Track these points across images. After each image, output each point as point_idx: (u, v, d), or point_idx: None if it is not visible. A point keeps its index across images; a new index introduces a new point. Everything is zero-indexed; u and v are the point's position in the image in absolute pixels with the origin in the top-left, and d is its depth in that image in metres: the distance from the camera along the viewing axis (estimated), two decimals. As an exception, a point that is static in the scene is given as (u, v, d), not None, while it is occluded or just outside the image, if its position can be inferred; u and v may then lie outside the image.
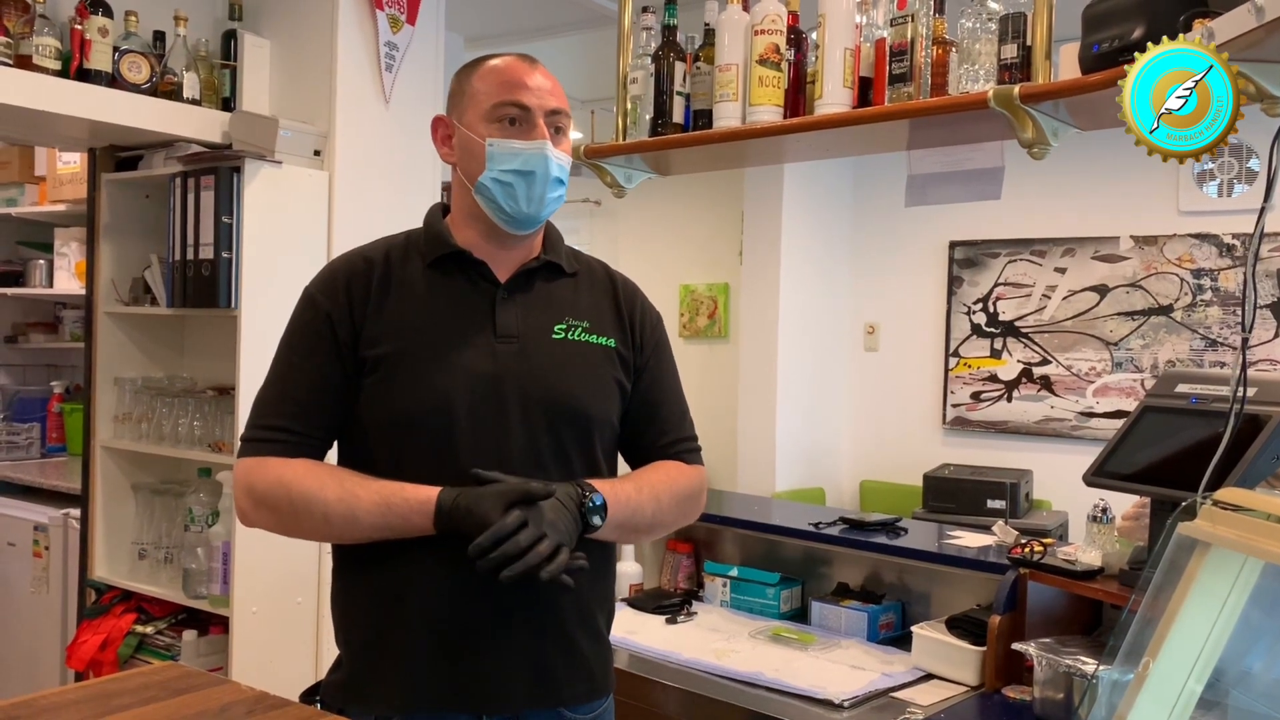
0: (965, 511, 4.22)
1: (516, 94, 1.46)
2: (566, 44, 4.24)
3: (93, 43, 2.61)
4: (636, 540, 2.24)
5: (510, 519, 1.30)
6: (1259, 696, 1.18)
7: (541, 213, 1.49)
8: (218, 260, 2.65)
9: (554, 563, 1.30)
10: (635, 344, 1.56)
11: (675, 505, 1.54)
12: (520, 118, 1.46)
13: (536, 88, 1.47)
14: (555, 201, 1.50)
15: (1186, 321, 4.54)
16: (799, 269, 5.06)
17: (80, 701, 1.08)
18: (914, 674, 1.97)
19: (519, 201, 1.46)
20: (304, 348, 1.47)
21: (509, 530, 1.29)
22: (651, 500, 1.49)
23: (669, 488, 1.53)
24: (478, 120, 1.47)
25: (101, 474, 2.97)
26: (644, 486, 1.50)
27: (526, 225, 1.49)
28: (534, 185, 1.46)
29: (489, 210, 1.48)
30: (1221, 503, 1.13)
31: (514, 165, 1.45)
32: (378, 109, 2.98)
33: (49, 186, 3.84)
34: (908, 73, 1.88)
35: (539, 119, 1.46)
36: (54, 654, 3.40)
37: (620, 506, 1.43)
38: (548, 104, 1.47)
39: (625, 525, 1.47)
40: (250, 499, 1.43)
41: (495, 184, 1.45)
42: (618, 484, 1.47)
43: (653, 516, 1.51)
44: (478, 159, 1.46)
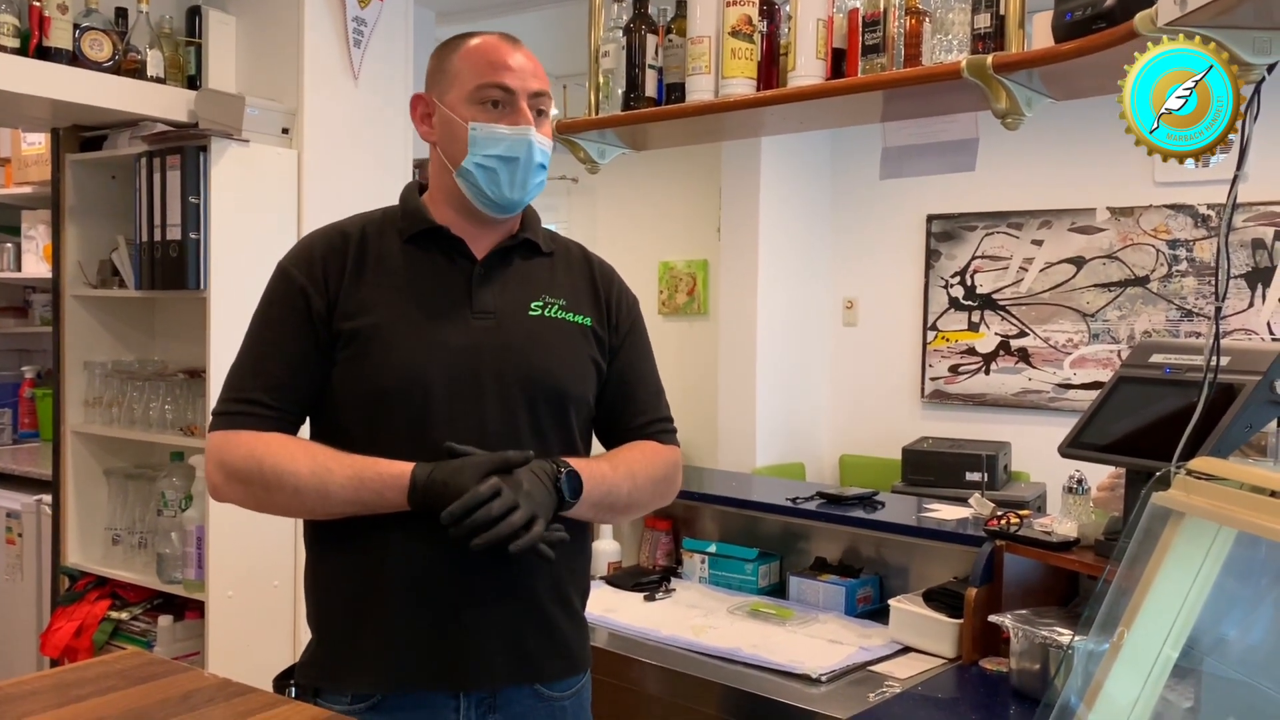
0: (944, 484, 4.23)
1: (500, 75, 1.43)
2: (538, 18, 4.19)
3: (52, 20, 2.55)
4: (613, 520, 2.23)
5: (484, 486, 1.29)
6: (1233, 663, 1.19)
7: (524, 198, 1.47)
8: (185, 241, 2.61)
9: (528, 534, 1.29)
10: (611, 324, 1.55)
11: (651, 485, 1.53)
12: (503, 100, 1.44)
13: (519, 69, 1.44)
14: (537, 187, 1.48)
15: (1162, 292, 4.56)
16: (777, 245, 5.05)
17: (40, 691, 1.06)
18: (892, 647, 1.97)
19: (502, 187, 1.44)
20: (278, 321, 1.45)
21: (482, 498, 1.28)
22: (627, 479, 1.49)
23: (645, 467, 1.52)
24: (459, 101, 1.45)
25: (72, 459, 2.93)
26: (620, 465, 1.49)
27: (508, 210, 1.48)
28: (517, 171, 1.44)
29: (471, 194, 1.46)
30: (1195, 472, 1.13)
31: (497, 151, 1.43)
32: (346, 86, 2.93)
33: (14, 168, 3.76)
34: (881, 43, 1.86)
35: (522, 101, 1.44)
36: (29, 641, 3.36)
37: (595, 484, 1.42)
38: (530, 86, 1.45)
39: (600, 504, 1.46)
40: (222, 472, 1.41)
41: (478, 169, 1.44)
42: (593, 462, 1.47)
43: (628, 496, 1.50)
44: (460, 141, 1.44)
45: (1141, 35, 1.39)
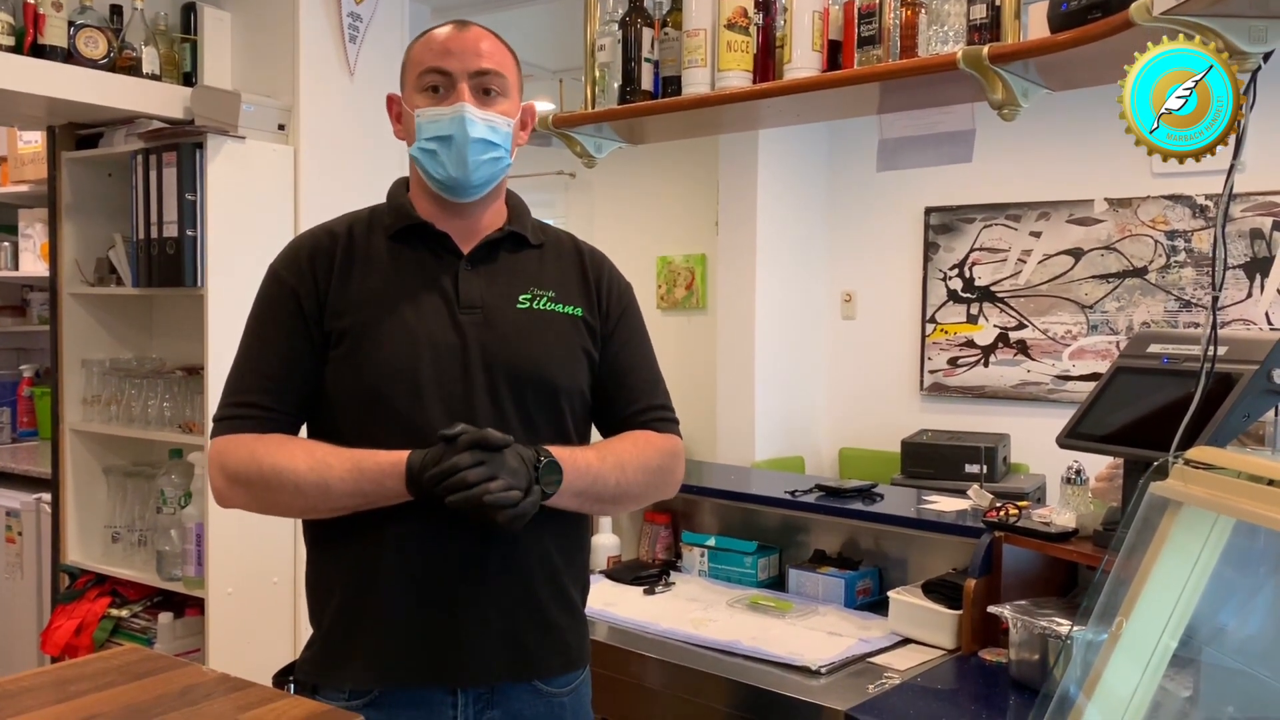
0: (943, 476, 4.23)
1: (438, 60, 1.44)
2: (534, 13, 4.18)
3: (46, 17, 2.55)
4: (604, 511, 2.21)
5: (468, 454, 1.30)
6: (1231, 652, 1.19)
7: (471, 176, 1.44)
8: (182, 239, 2.60)
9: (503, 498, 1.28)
10: (602, 311, 1.54)
11: (644, 476, 1.50)
12: (442, 84, 1.44)
13: (460, 50, 1.44)
14: (487, 164, 1.45)
15: (1161, 283, 4.56)
16: (775, 238, 5.04)
17: (39, 688, 1.06)
18: (891, 639, 1.97)
19: (446, 166, 1.44)
20: (271, 324, 1.45)
21: (465, 464, 1.29)
22: (615, 469, 1.46)
23: (636, 457, 1.49)
24: (411, 92, 1.47)
25: (71, 458, 2.93)
26: (607, 455, 1.47)
27: (461, 191, 1.46)
28: (453, 149, 1.43)
29: (426, 180, 1.47)
30: (1193, 462, 1.13)
31: (434, 132, 1.43)
32: (342, 82, 2.93)
33: (10, 167, 3.76)
34: (876, 35, 1.86)
35: (460, 82, 1.44)
36: (30, 639, 3.37)
37: (579, 474, 1.40)
38: (471, 65, 1.44)
39: (586, 494, 1.43)
40: (224, 477, 1.42)
41: (422, 153, 1.45)
42: (578, 451, 1.44)
43: (616, 486, 1.46)
44: (412, 130, 1.46)
45: (1137, 25, 1.39)
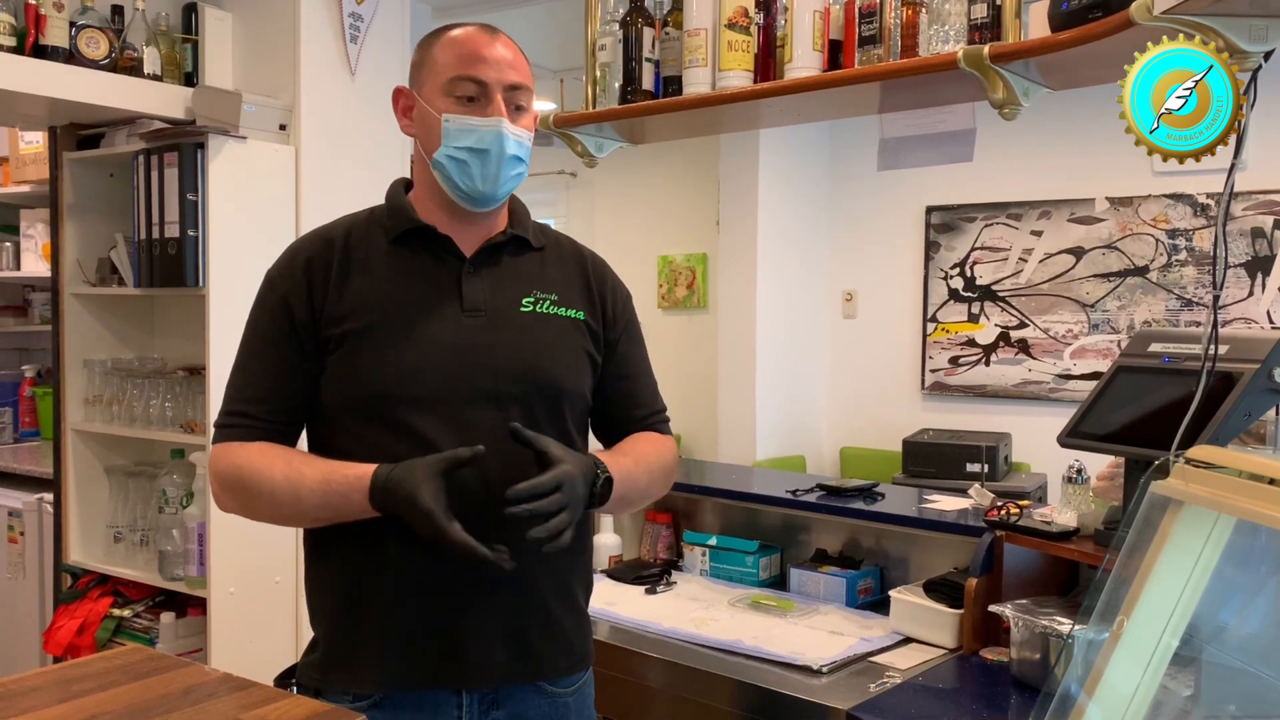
0: (945, 476, 4.23)
1: (474, 69, 1.42)
2: (535, 12, 4.18)
3: (48, 18, 2.55)
4: (623, 513, 2.23)
5: (548, 477, 1.30)
6: (1233, 651, 1.19)
7: (498, 191, 1.46)
8: (184, 239, 2.61)
9: (562, 536, 1.31)
10: (607, 318, 1.55)
11: (663, 476, 1.58)
12: (478, 94, 1.42)
13: (495, 60, 1.43)
14: (514, 179, 1.47)
15: (1162, 282, 4.56)
16: (776, 237, 5.04)
17: (41, 688, 1.06)
18: (892, 638, 1.97)
19: (474, 179, 1.43)
20: (264, 331, 1.45)
21: (547, 488, 1.29)
22: (645, 473, 1.52)
23: (658, 459, 1.56)
24: (435, 94, 1.44)
25: (73, 457, 2.93)
26: (640, 460, 1.52)
27: (484, 203, 1.47)
28: (489, 163, 1.42)
29: (446, 187, 1.45)
30: (1194, 460, 1.13)
31: (469, 143, 1.42)
32: (343, 81, 2.93)
33: (12, 167, 3.76)
34: (877, 34, 1.86)
35: (496, 94, 1.43)
36: (33, 639, 3.37)
37: (622, 482, 1.44)
38: (506, 78, 1.43)
39: (623, 499, 1.49)
40: (217, 484, 1.45)
41: (450, 161, 1.43)
42: (618, 458, 1.48)
43: (645, 489, 1.55)
44: (435, 134, 1.43)
45: (1138, 24, 1.39)
